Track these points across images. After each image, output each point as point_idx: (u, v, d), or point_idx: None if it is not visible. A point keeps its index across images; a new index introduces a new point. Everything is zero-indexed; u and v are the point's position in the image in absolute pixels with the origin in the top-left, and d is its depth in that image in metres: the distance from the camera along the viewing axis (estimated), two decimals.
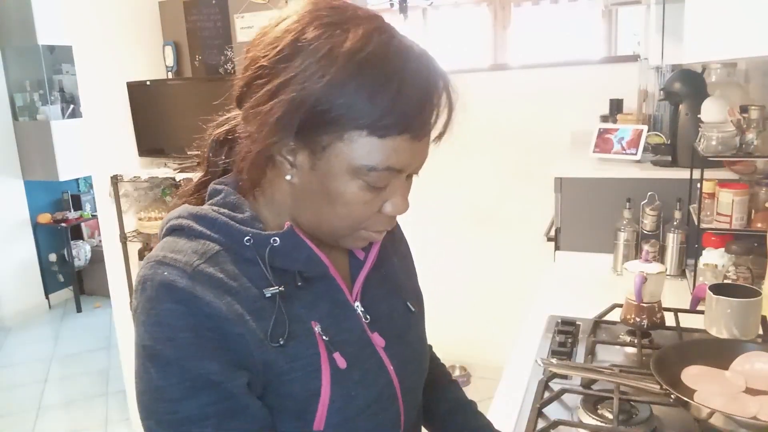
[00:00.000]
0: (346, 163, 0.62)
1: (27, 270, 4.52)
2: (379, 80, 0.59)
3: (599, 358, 1.26)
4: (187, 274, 0.61)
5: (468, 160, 3.09)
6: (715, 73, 1.90)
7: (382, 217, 0.68)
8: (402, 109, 0.60)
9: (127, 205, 2.61)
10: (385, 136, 0.61)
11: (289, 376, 0.65)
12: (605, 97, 2.54)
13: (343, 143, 0.61)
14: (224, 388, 0.61)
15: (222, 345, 0.61)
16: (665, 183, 1.78)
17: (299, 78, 0.60)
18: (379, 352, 0.73)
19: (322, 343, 0.67)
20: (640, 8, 2.70)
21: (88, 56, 2.48)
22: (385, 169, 0.63)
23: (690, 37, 1.07)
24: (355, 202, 0.65)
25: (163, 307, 0.60)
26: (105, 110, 2.54)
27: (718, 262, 1.53)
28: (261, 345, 0.63)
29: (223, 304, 0.61)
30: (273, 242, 0.66)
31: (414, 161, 0.65)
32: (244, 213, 0.68)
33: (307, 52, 0.60)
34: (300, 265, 0.68)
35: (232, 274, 0.64)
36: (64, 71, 4.51)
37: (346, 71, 0.59)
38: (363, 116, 0.60)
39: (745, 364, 1.00)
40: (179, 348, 0.60)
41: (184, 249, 0.64)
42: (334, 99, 0.59)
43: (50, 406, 3.20)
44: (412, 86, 0.61)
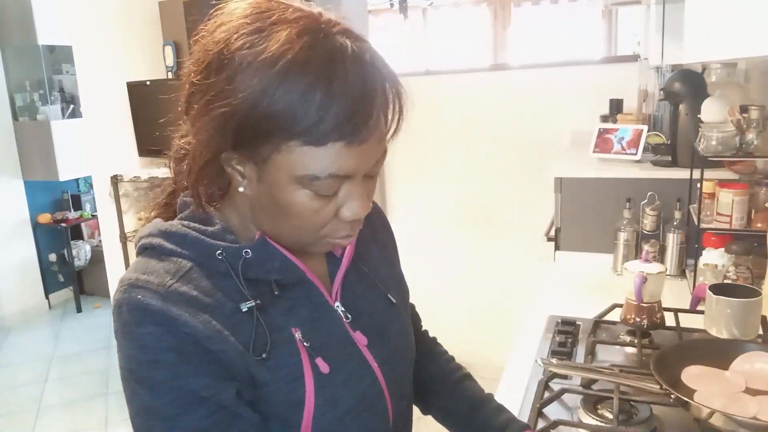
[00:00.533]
0: (288, 173, 0.60)
1: (27, 270, 4.52)
2: (303, 87, 0.56)
3: (599, 358, 1.26)
4: (160, 295, 0.61)
5: (468, 160, 3.09)
6: (715, 73, 1.90)
7: (342, 223, 0.65)
8: (334, 116, 0.57)
9: (127, 205, 2.61)
10: (320, 144, 0.58)
11: (273, 386, 0.65)
12: (605, 97, 2.54)
13: (281, 154, 0.59)
14: (216, 401, 0.61)
15: (206, 360, 0.61)
16: (665, 183, 1.78)
17: (226, 92, 0.58)
18: (362, 351, 0.73)
19: (303, 349, 0.66)
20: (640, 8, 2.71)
21: (88, 56, 2.48)
22: (328, 177, 0.60)
23: (690, 37, 1.07)
24: (305, 211, 0.63)
25: (142, 331, 0.60)
26: (105, 110, 2.54)
27: (718, 262, 1.53)
28: (242, 357, 0.63)
29: (199, 322, 0.61)
30: (245, 254, 0.65)
31: (362, 165, 0.62)
32: (214, 226, 0.67)
33: (232, 64, 0.58)
34: (275, 274, 0.67)
35: (207, 290, 0.63)
36: (64, 71, 4.51)
37: (268, 81, 0.56)
38: (293, 126, 0.57)
39: (745, 364, 1.00)
40: (165, 369, 0.60)
41: (156, 270, 0.63)
42: (262, 110, 0.57)
43: (50, 406, 3.20)
44: (343, 90, 0.57)
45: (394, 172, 3.27)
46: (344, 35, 0.60)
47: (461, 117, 3.03)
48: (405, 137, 0.68)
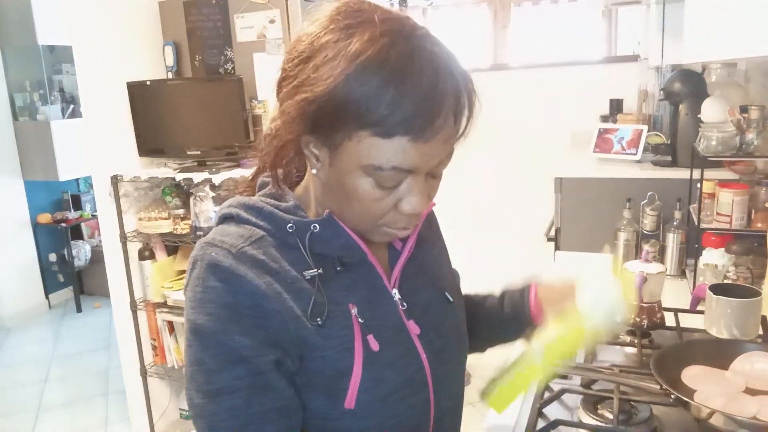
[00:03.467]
0: (356, 161, 0.64)
1: (27, 270, 4.52)
2: (378, 82, 0.60)
3: (599, 358, 1.26)
4: (231, 254, 0.67)
5: (468, 160, 3.08)
6: (715, 73, 1.90)
7: (400, 215, 0.69)
8: (403, 111, 0.61)
9: (127, 205, 2.61)
10: (388, 137, 0.62)
11: (322, 353, 0.68)
12: (605, 97, 2.54)
13: (352, 142, 0.64)
14: (255, 364, 0.65)
15: (258, 323, 0.66)
16: (665, 183, 1.78)
17: (311, 79, 0.63)
18: (413, 339, 0.75)
19: (357, 325, 0.70)
20: (640, 8, 2.71)
21: (88, 56, 2.48)
22: (392, 170, 0.64)
23: (690, 37, 1.07)
24: (367, 199, 0.67)
25: (207, 285, 0.66)
26: (105, 110, 2.53)
27: (718, 262, 1.53)
28: (297, 321, 0.67)
29: (263, 282, 0.66)
30: (313, 228, 0.70)
31: (424, 162, 0.65)
32: (288, 202, 0.73)
33: (319, 55, 0.64)
34: (339, 251, 0.72)
35: (274, 257, 0.69)
36: (64, 71, 4.51)
37: (349, 73, 0.61)
38: (365, 116, 0.61)
39: (745, 364, 1.00)
40: (217, 323, 0.65)
41: (231, 233, 0.70)
42: (340, 100, 0.61)
43: (50, 406, 3.20)
44: (414, 88, 0.61)
45: None
46: (424, 39, 0.64)
47: None
48: None
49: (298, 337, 0.67)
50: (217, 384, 0.65)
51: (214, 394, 0.65)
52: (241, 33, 2.49)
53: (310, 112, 0.64)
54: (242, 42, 2.51)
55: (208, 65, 2.59)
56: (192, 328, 0.67)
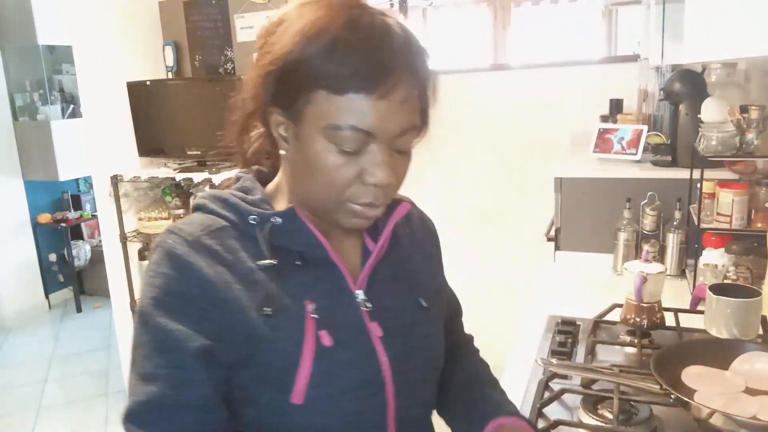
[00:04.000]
0: (316, 125, 0.66)
1: (27, 270, 4.52)
2: (330, 39, 0.64)
3: (599, 358, 1.26)
4: (187, 242, 0.69)
5: (468, 160, 3.08)
6: (715, 73, 1.90)
7: (364, 188, 0.69)
8: (353, 64, 0.63)
9: (127, 205, 2.61)
10: (342, 93, 0.64)
11: (270, 345, 0.68)
12: (605, 97, 2.54)
13: (311, 106, 0.66)
14: (178, 356, 0.66)
15: (202, 313, 0.67)
16: (665, 183, 1.78)
17: (270, 47, 0.68)
18: (373, 341, 0.74)
19: (311, 320, 0.70)
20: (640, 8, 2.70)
21: (88, 56, 2.48)
22: (350, 128, 0.65)
23: (690, 37, 1.07)
24: (329, 166, 0.67)
25: (159, 271, 0.69)
26: (105, 110, 2.54)
27: (718, 262, 1.53)
28: (245, 312, 0.68)
29: (213, 271, 0.68)
30: (274, 221, 0.72)
31: (382, 124, 0.66)
32: (255, 195, 0.75)
33: (280, 27, 0.69)
34: (300, 246, 0.73)
35: (230, 248, 0.70)
36: (64, 71, 4.51)
37: (303, 34, 0.65)
38: (319, 74, 0.64)
39: (745, 364, 1.00)
40: (158, 308, 0.67)
41: (194, 222, 0.72)
42: (295, 59, 0.65)
43: (50, 406, 3.20)
44: (364, 43, 0.64)
45: None
46: (383, 13, 0.68)
47: (461, 117, 3.03)
48: None
49: (247, 329, 0.68)
50: (144, 369, 0.67)
51: (140, 378, 0.67)
52: (241, 33, 2.50)
53: (270, 76, 0.68)
54: (242, 42, 2.51)
55: (208, 65, 2.59)
56: (139, 312, 0.69)
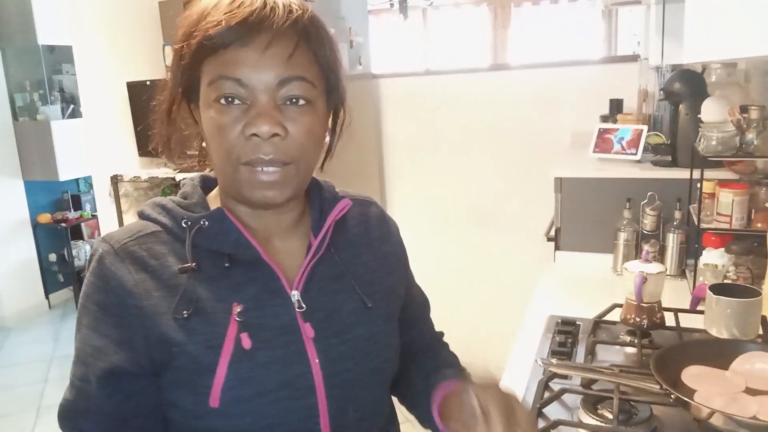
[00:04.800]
0: (202, 92, 0.71)
1: (27, 270, 4.52)
2: (201, 12, 0.70)
3: (599, 358, 1.26)
4: (114, 250, 0.71)
5: (468, 160, 3.08)
6: (715, 73, 1.90)
7: (249, 143, 0.69)
8: (221, 24, 0.68)
9: (127, 205, 2.61)
10: (214, 52, 0.69)
11: (184, 348, 0.69)
12: (605, 97, 2.54)
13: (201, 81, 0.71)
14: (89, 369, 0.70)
15: (117, 321, 0.69)
16: (665, 183, 1.78)
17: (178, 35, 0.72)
18: (305, 342, 0.73)
19: (234, 323, 0.70)
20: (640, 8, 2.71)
21: (88, 56, 2.48)
22: (221, 78, 0.68)
23: (690, 37, 1.07)
24: (215, 128, 0.69)
25: (90, 279, 0.72)
26: (105, 110, 2.54)
27: (718, 262, 1.53)
28: (158, 318, 0.69)
29: (133, 279, 0.69)
30: (202, 223, 0.72)
31: (253, 73, 0.68)
32: (192, 199, 0.77)
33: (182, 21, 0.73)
34: (228, 248, 0.72)
35: (156, 253, 0.71)
36: (64, 71, 4.51)
37: (184, 24, 0.72)
38: (200, 44, 0.69)
39: (745, 364, 1.00)
40: (88, 318, 0.71)
41: (126, 228, 0.75)
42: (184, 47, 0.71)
43: (50, 406, 3.20)
44: (229, 7, 0.68)
45: (394, 172, 3.27)
46: None
47: (461, 117, 3.03)
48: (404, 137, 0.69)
49: (160, 335, 0.69)
50: (71, 374, 0.73)
51: (71, 380, 0.73)
52: None
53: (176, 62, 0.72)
54: None
55: None
56: (77, 315, 0.73)
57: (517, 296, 2.81)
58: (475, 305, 3.21)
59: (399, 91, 3.13)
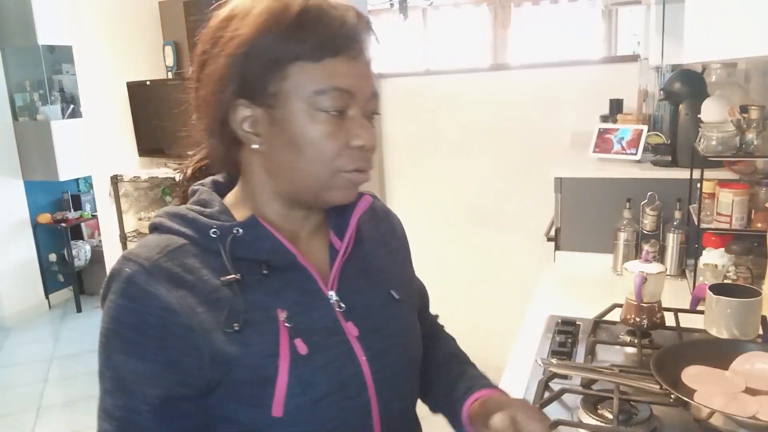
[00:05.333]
0: (298, 98, 0.67)
1: (27, 270, 4.52)
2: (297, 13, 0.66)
3: (599, 358, 1.26)
4: (144, 269, 0.66)
5: (468, 160, 3.09)
6: (715, 73, 1.90)
7: (353, 153, 0.69)
8: (325, 30, 0.66)
9: (127, 205, 2.62)
10: (319, 59, 0.66)
11: (242, 361, 0.67)
12: (605, 97, 2.54)
13: (288, 81, 0.66)
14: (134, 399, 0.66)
15: (161, 343, 0.65)
16: (665, 183, 1.78)
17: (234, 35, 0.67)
18: (351, 341, 0.73)
19: (284, 329, 0.69)
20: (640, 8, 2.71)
21: (88, 56, 2.48)
22: (334, 89, 0.67)
23: (690, 37, 1.07)
24: (319, 137, 0.68)
25: (118, 301, 0.66)
26: (105, 110, 2.54)
27: (718, 262, 1.53)
28: (209, 335, 0.66)
29: (174, 297, 0.65)
30: (236, 232, 0.69)
31: (359, 83, 0.68)
32: (214, 207, 0.73)
33: (234, 19, 0.68)
34: (264, 255, 0.70)
35: (191, 268, 0.68)
36: (64, 71, 4.51)
37: (266, 17, 0.66)
38: (294, 48, 0.66)
39: (745, 364, 1.00)
40: (121, 343, 0.66)
41: (150, 244, 0.69)
42: (264, 42, 0.66)
43: (50, 406, 3.20)
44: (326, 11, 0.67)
45: (394, 172, 3.27)
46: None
47: (461, 117, 3.03)
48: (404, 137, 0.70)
49: (213, 352, 0.66)
50: (104, 404, 0.68)
51: (103, 411, 0.68)
52: None
53: (238, 63, 0.67)
54: None
55: None
56: (102, 342, 0.68)
57: (517, 296, 2.81)
58: (475, 305, 3.21)
59: (399, 91, 3.13)
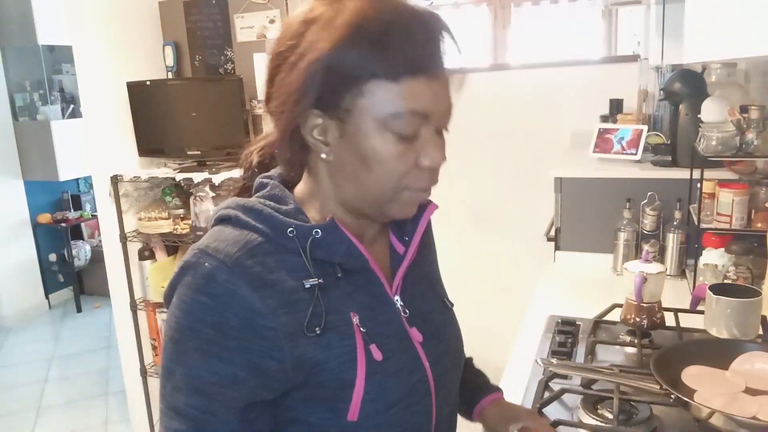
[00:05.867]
0: (372, 117, 0.64)
1: (27, 270, 4.52)
2: (376, 31, 0.62)
3: (599, 358, 1.26)
4: (226, 266, 0.63)
5: (468, 160, 3.08)
6: (715, 73, 1.90)
7: (421, 173, 0.68)
8: (406, 50, 0.63)
9: (127, 205, 2.61)
10: (399, 79, 0.63)
11: (324, 366, 0.66)
12: (605, 97, 2.54)
13: (364, 99, 0.64)
14: (212, 401, 0.63)
15: (243, 345, 0.63)
16: (665, 183, 1.78)
17: (312, 45, 0.64)
18: (416, 347, 0.74)
19: (359, 334, 0.68)
20: (640, 8, 2.70)
21: (88, 56, 2.48)
22: (410, 113, 0.64)
23: (690, 37, 1.07)
24: (389, 157, 0.66)
25: (196, 298, 0.63)
26: (105, 110, 2.53)
27: (718, 262, 1.53)
28: (293, 338, 0.64)
29: (258, 297, 0.63)
30: (315, 234, 0.68)
31: (436, 103, 0.66)
32: (289, 205, 0.70)
33: (315, 24, 0.65)
34: (340, 257, 0.69)
35: (271, 267, 0.65)
36: (64, 71, 4.51)
37: (349, 30, 0.62)
38: (373, 65, 0.63)
39: (745, 364, 1.00)
40: (198, 341, 0.63)
41: (227, 239, 0.66)
42: (344, 57, 0.62)
43: (50, 406, 3.20)
44: (411, 28, 0.64)
45: None
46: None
47: (461, 117, 3.01)
48: None
49: (296, 355, 0.65)
50: (173, 400, 0.65)
51: (171, 408, 0.65)
52: (241, 33, 2.50)
53: (316, 76, 0.63)
54: (242, 42, 2.51)
55: (208, 65, 2.59)
56: (171, 337, 0.65)
57: (517, 296, 2.81)
58: (475, 305, 3.21)
59: None
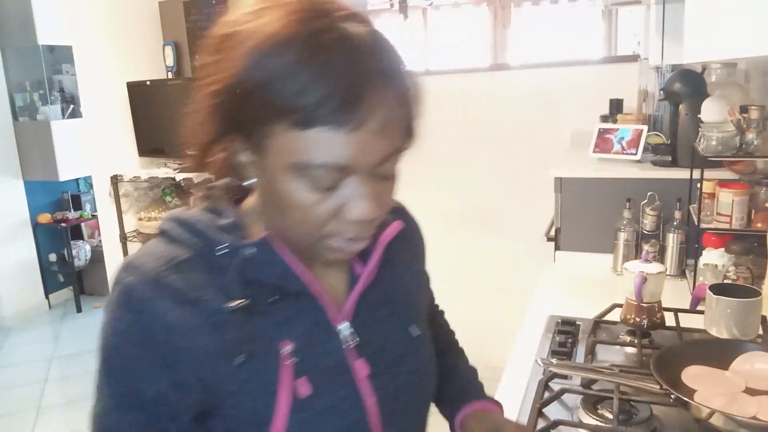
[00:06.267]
0: (281, 161, 0.56)
1: (27, 270, 4.52)
2: (287, 62, 0.53)
3: (599, 358, 1.26)
4: (148, 281, 0.60)
5: (468, 160, 3.08)
6: (715, 73, 1.90)
7: (346, 224, 0.59)
8: (317, 94, 0.52)
9: (127, 205, 2.62)
10: (307, 127, 0.53)
11: (238, 398, 0.61)
12: (605, 97, 2.54)
13: (273, 139, 0.55)
14: (151, 414, 0.61)
15: (166, 362, 0.60)
16: (665, 183, 1.78)
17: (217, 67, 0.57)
18: (356, 383, 0.66)
19: (288, 366, 0.62)
20: (640, 8, 2.71)
21: (88, 56, 2.48)
22: (321, 167, 0.55)
23: (690, 37, 1.07)
24: (302, 204, 0.57)
25: (119, 313, 0.61)
26: (105, 110, 2.54)
27: (718, 262, 1.53)
28: (212, 361, 0.60)
29: (178, 314, 0.59)
30: (246, 252, 0.61)
31: (360, 157, 0.55)
32: (227, 218, 0.64)
33: (229, 40, 0.57)
34: (274, 280, 0.62)
35: (196, 284, 0.61)
36: (64, 71, 4.51)
37: (254, 55, 0.54)
38: (278, 106, 0.53)
39: (745, 364, 1.00)
40: (122, 359, 0.61)
41: (155, 253, 0.63)
42: (246, 88, 0.54)
43: (50, 406, 3.20)
44: (329, 69, 0.52)
45: None
46: (347, 19, 0.55)
47: (461, 117, 3.03)
48: None
49: (210, 381, 0.60)
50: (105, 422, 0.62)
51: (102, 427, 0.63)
52: None
53: (223, 106, 0.56)
54: None
55: None
56: (100, 357, 0.63)
57: (517, 296, 2.81)
58: (475, 305, 3.21)
59: None
